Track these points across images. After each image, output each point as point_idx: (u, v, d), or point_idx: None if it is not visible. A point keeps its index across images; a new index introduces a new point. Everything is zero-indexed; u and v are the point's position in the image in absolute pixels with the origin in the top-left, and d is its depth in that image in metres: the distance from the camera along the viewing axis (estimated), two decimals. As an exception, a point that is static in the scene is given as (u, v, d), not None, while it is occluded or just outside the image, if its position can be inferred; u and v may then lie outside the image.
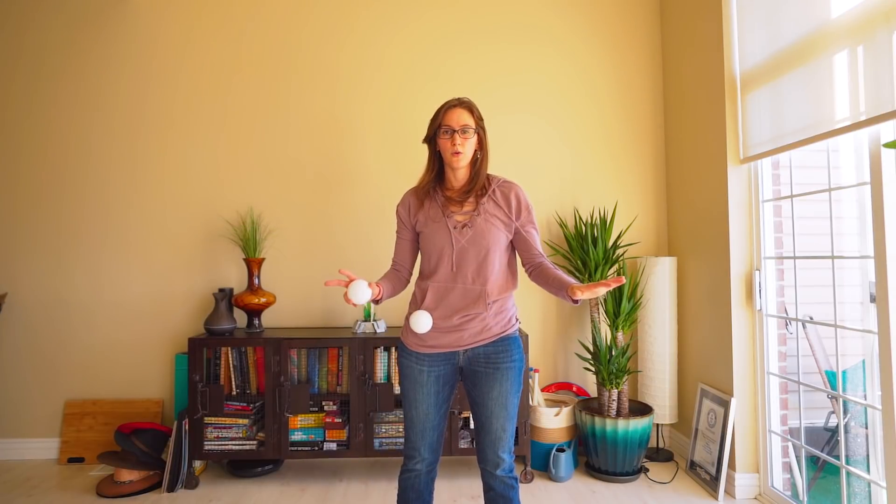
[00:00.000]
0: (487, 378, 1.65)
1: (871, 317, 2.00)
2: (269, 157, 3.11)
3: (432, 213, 1.68)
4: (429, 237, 1.68)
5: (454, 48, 3.17)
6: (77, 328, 3.03)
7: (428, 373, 1.66)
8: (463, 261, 1.64)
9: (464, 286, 1.64)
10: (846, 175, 2.94)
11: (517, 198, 1.69)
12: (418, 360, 1.68)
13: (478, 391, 1.66)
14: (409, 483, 1.71)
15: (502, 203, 1.67)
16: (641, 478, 2.74)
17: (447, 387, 1.69)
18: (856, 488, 2.74)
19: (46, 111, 3.07)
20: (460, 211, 1.67)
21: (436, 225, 1.66)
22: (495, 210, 1.66)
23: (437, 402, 1.67)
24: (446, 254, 1.65)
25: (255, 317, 2.87)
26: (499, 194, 1.68)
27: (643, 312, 2.98)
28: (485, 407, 1.65)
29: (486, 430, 1.65)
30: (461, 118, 1.63)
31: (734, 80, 2.56)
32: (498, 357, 1.65)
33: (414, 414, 1.68)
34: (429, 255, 1.69)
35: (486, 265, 1.64)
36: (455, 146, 1.62)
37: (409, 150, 3.14)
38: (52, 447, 2.99)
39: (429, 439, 1.68)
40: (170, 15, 3.12)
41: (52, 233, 3.04)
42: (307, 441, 2.67)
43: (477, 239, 1.63)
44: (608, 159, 3.20)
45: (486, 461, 1.66)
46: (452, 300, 1.64)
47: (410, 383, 1.68)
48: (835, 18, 1.95)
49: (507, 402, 1.64)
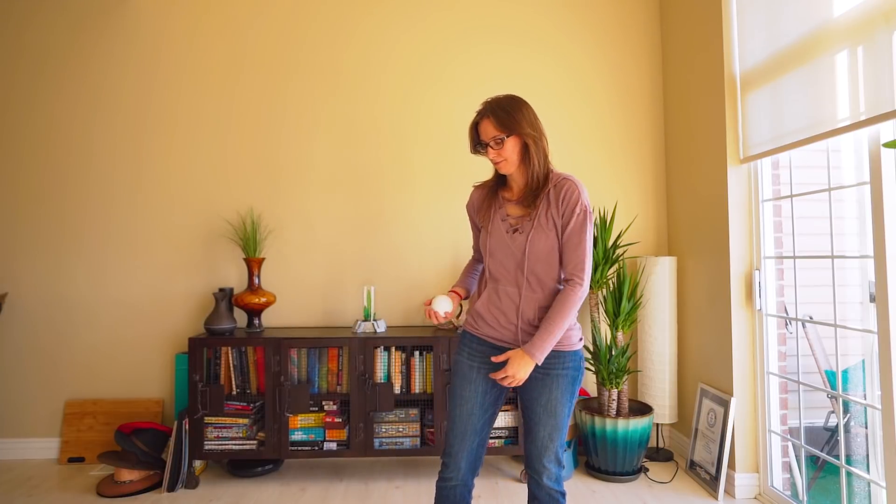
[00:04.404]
0: (537, 383, 1.59)
1: (871, 317, 2.00)
2: (269, 158, 3.11)
3: (491, 214, 1.65)
4: (485, 237, 1.66)
5: (456, 51, 3.17)
6: (78, 328, 3.03)
7: (478, 370, 1.63)
8: (512, 265, 1.58)
9: (514, 290, 1.59)
10: (846, 175, 2.94)
11: (566, 194, 1.54)
12: (470, 354, 1.65)
13: (527, 395, 1.61)
14: (445, 493, 1.65)
15: (553, 202, 1.55)
16: (641, 477, 2.74)
17: (496, 389, 1.64)
18: (856, 488, 2.74)
19: (49, 111, 3.07)
20: (516, 214, 1.61)
21: (492, 226, 1.63)
22: (546, 212, 1.56)
23: (482, 403, 1.62)
24: (497, 257, 1.61)
25: (255, 316, 2.87)
26: (552, 194, 1.56)
27: (643, 312, 2.98)
28: (533, 412, 1.59)
29: (533, 437, 1.60)
30: (486, 131, 1.57)
31: (734, 79, 2.56)
32: (550, 363, 1.58)
33: (457, 413, 1.62)
34: (487, 257, 1.65)
35: (533, 272, 1.57)
36: (492, 158, 1.59)
37: (411, 150, 3.14)
38: (52, 447, 2.99)
39: (468, 445, 1.62)
40: (173, 15, 3.12)
41: (52, 233, 3.04)
42: (307, 441, 2.67)
43: (525, 244, 1.56)
44: (608, 159, 3.20)
45: (532, 468, 1.61)
46: (503, 304, 1.60)
47: (459, 379, 1.64)
48: (835, 18, 1.95)
49: (556, 410, 1.57)
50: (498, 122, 1.54)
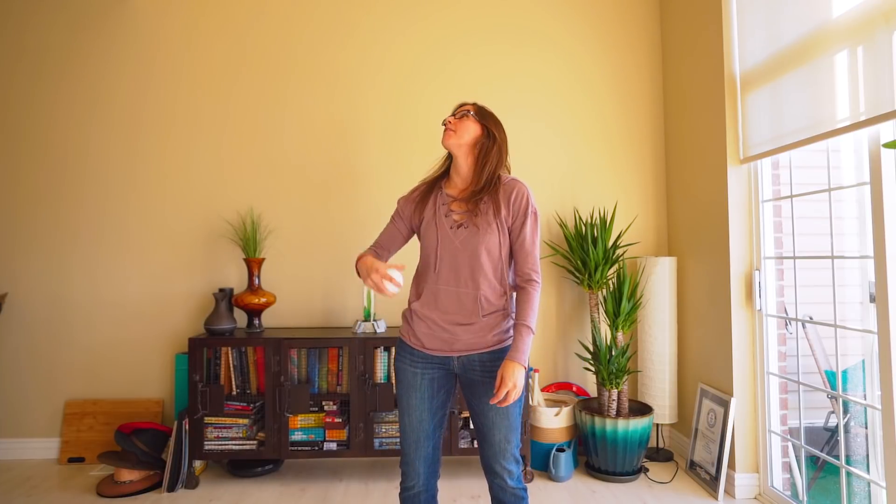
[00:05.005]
0: (484, 387, 1.58)
1: (871, 317, 2.00)
2: (269, 158, 3.11)
3: (433, 211, 1.62)
4: (424, 234, 1.63)
5: (455, 51, 3.17)
6: (77, 328, 3.03)
7: (422, 375, 1.61)
8: (455, 262, 1.57)
9: (456, 289, 1.57)
10: (846, 175, 2.94)
11: (517, 195, 1.58)
12: (412, 361, 1.63)
13: (476, 400, 1.60)
14: (409, 503, 1.64)
15: (503, 202, 1.57)
16: (641, 478, 2.74)
17: (442, 392, 1.64)
18: (856, 488, 2.74)
19: (47, 111, 3.07)
20: (460, 210, 1.59)
21: (433, 223, 1.61)
22: (494, 210, 1.56)
23: (431, 408, 1.61)
24: (438, 254, 1.59)
25: (255, 317, 2.87)
26: (501, 193, 1.58)
27: (643, 312, 2.98)
28: (486, 417, 1.58)
29: (489, 442, 1.58)
30: (463, 105, 1.66)
31: (734, 80, 2.56)
32: (494, 365, 1.58)
33: (407, 422, 1.61)
34: (425, 254, 1.63)
35: (478, 269, 1.56)
36: (447, 121, 1.62)
37: (409, 150, 3.14)
38: (52, 447, 2.99)
39: (423, 451, 1.61)
40: (171, 15, 3.12)
41: (52, 233, 3.04)
42: (307, 441, 2.67)
43: (471, 239, 1.55)
44: (608, 159, 3.20)
45: (493, 474, 1.60)
46: (444, 303, 1.58)
47: (404, 388, 1.62)
48: (835, 19, 1.95)
49: (508, 410, 1.56)
50: (475, 107, 1.65)
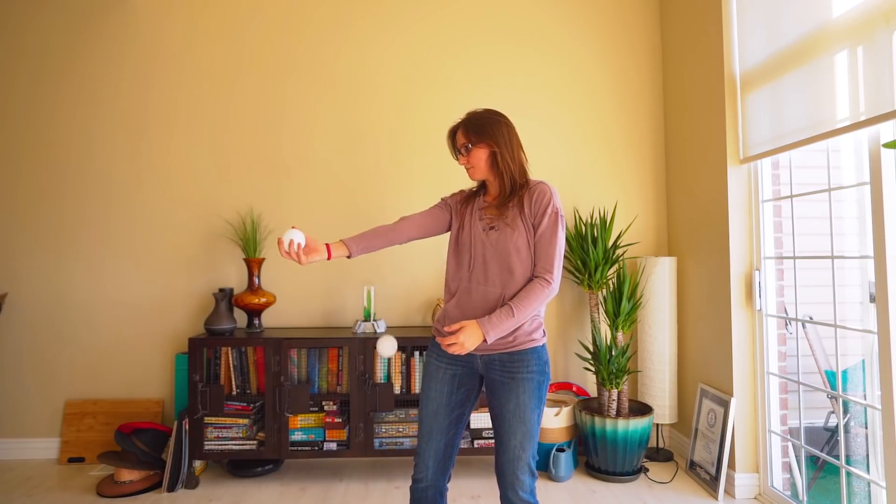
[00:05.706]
0: (504, 388, 1.60)
1: (871, 317, 2.00)
2: (269, 158, 3.11)
3: (470, 215, 1.71)
4: (458, 236, 1.71)
5: (455, 51, 3.17)
6: (77, 328, 3.03)
7: (445, 370, 1.66)
8: (486, 263, 1.63)
9: (485, 289, 1.62)
10: (846, 175, 2.93)
11: (539, 195, 1.62)
12: (439, 355, 1.68)
13: (495, 402, 1.62)
14: (417, 495, 1.66)
15: (526, 202, 1.63)
16: (641, 478, 2.74)
17: (462, 390, 1.66)
18: (856, 488, 2.74)
19: (48, 111, 3.07)
20: (492, 215, 1.67)
21: (468, 225, 1.69)
22: (520, 213, 1.63)
23: (448, 404, 1.64)
24: (470, 254, 1.66)
25: (255, 317, 2.87)
26: (527, 195, 1.64)
27: (643, 312, 2.98)
28: (503, 419, 1.58)
29: (504, 447, 1.57)
30: (459, 139, 1.71)
31: (734, 80, 2.56)
32: (514, 366, 1.60)
33: (424, 413, 1.65)
34: (458, 255, 1.70)
35: (507, 270, 1.60)
36: (462, 164, 1.72)
37: (409, 150, 3.14)
38: (52, 447, 2.99)
39: (435, 445, 1.63)
40: (172, 15, 3.12)
41: (52, 233, 3.04)
42: (307, 441, 2.67)
43: (500, 241, 1.61)
44: (608, 159, 3.20)
45: (505, 482, 1.57)
46: (473, 302, 1.63)
47: (427, 379, 1.68)
48: (835, 18, 1.95)
49: (525, 415, 1.55)
50: (467, 132, 1.68)
